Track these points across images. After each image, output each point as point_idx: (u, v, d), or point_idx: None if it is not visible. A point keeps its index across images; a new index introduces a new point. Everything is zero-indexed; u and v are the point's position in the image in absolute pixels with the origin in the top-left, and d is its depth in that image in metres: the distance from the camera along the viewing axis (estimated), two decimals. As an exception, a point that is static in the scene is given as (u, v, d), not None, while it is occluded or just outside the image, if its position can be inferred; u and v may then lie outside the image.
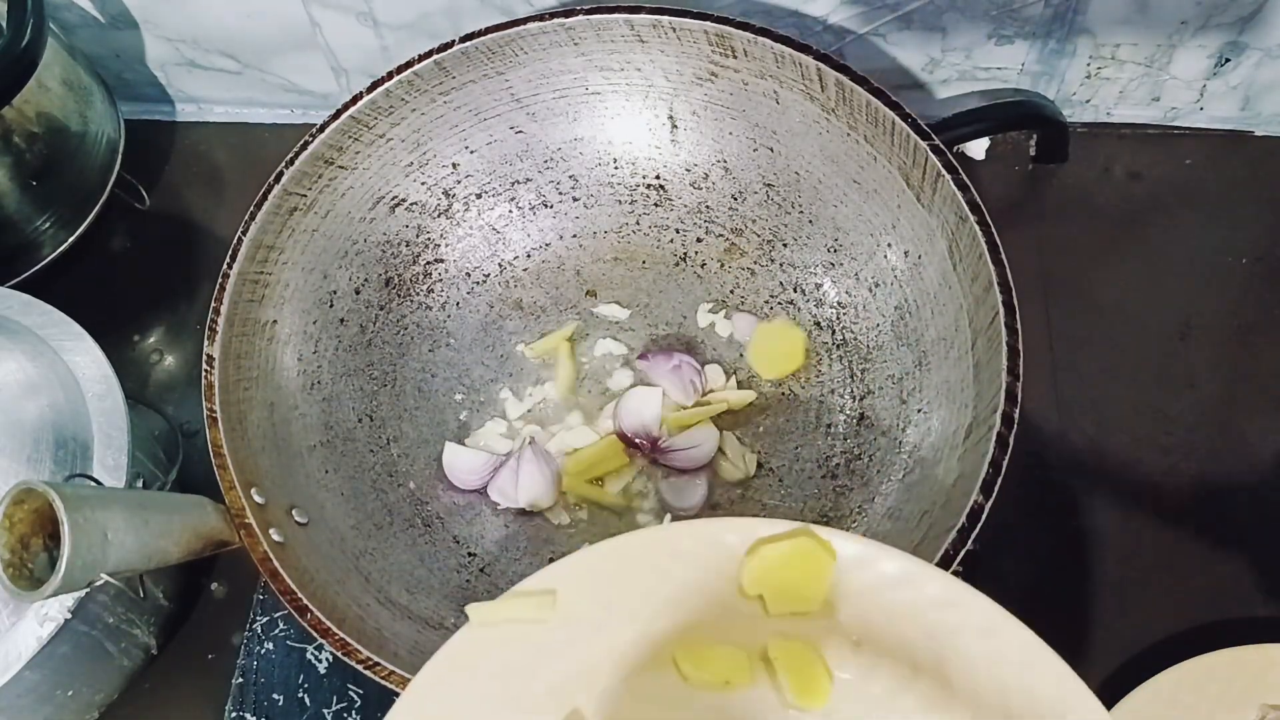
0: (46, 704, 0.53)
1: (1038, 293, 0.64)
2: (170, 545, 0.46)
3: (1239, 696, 0.51)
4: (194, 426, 0.63)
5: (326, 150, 0.57)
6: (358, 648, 0.45)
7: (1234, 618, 0.56)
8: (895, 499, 0.53)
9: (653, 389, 0.58)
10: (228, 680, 0.58)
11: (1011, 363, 0.47)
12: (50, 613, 0.49)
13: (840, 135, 0.56)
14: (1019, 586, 0.57)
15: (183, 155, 0.77)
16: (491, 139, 0.62)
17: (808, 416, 0.58)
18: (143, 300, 0.72)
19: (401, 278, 0.62)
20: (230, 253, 0.54)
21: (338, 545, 0.53)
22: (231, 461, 0.50)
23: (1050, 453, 0.60)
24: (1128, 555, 0.58)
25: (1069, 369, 0.62)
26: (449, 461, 0.58)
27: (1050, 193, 0.68)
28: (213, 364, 0.52)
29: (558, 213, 0.64)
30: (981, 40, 0.64)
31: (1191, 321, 0.63)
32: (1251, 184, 0.67)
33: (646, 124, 0.62)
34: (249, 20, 0.68)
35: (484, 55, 0.58)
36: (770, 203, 0.61)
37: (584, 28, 0.57)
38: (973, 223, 0.50)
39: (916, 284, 0.55)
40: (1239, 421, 0.60)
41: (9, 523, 0.43)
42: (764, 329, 0.60)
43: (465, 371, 0.62)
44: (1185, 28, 0.61)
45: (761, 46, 0.55)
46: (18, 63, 0.60)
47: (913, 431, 0.54)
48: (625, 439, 0.58)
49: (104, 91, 0.71)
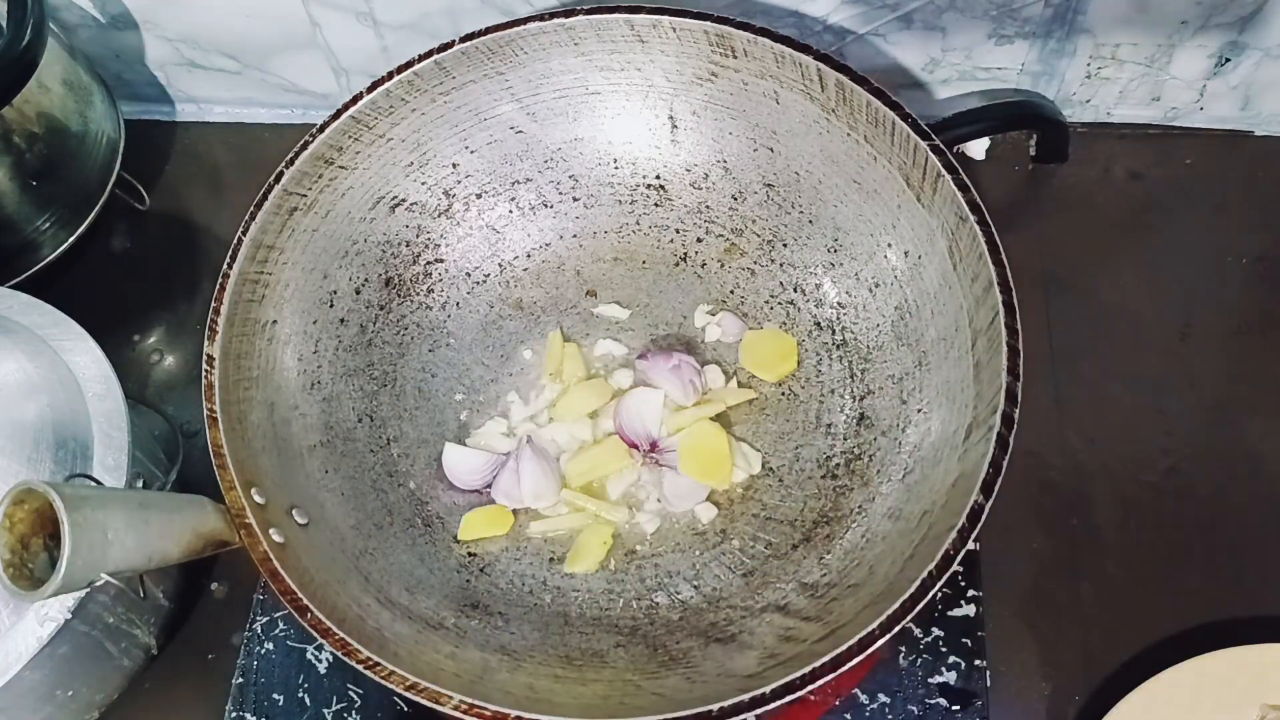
0: (46, 704, 0.53)
1: (1038, 293, 0.64)
2: (170, 545, 0.46)
3: (1239, 696, 0.51)
4: (194, 426, 0.63)
5: (326, 150, 0.57)
6: (358, 648, 0.45)
7: (1234, 618, 0.56)
8: (895, 499, 0.53)
9: (654, 390, 0.58)
10: (228, 680, 0.58)
11: (1011, 363, 0.47)
12: (50, 613, 0.49)
13: (840, 135, 0.56)
14: (1019, 586, 0.57)
15: (183, 155, 0.77)
16: (491, 139, 0.62)
17: (808, 416, 0.58)
18: (143, 300, 0.72)
19: (401, 278, 0.62)
20: (230, 253, 0.54)
21: (338, 545, 0.53)
22: (231, 461, 0.50)
23: (1050, 453, 0.60)
24: (1128, 555, 0.58)
25: (1069, 369, 0.62)
26: (449, 462, 0.58)
27: (1050, 193, 0.68)
28: (213, 364, 0.52)
29: (558, 213, 0.64)
30: (981, 40, 0.64)
31: (1191, 321, 0.63)
32: (1251, 184, 0.67)
33: (646, 124, 0.62)
34: (249, 20, 0.69)
35: (484, 55, 0.58)
36: (770, 203, 0.61)
37: (584, 28, 0.57)
38: (973, 223, 0.50)
39: (916, 284, 0.55)
40: (1239, 421, 0.60)
41: (9, 523, 0.43)
42: (753, 336, 0.60)
43: (465, 371, 0.62)
44: (1185, 28, 0.61)
45: (761, 46, 0.55)
46: (18, 63, 0.60)
47: (913, 431, 0.54)
48: (625, 440, 0.58)
49: (104, 91, 0.71)
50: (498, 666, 0.50)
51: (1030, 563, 0.58)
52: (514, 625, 0.53)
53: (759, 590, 0.53)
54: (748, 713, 0.42)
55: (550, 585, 0.56)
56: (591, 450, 0.58)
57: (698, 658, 0.50)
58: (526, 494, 0.57)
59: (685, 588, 0.55)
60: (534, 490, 0.57)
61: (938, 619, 0.56)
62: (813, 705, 0.54)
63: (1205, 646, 0.52)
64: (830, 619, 0.48)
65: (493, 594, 0.55)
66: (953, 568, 0.44)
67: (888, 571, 0.48)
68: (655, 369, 0.59)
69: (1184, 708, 0.51)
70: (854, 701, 0.54)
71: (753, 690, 0.43)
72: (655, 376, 0.59)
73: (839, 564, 0.52)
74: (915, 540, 0.48)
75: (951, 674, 0.54)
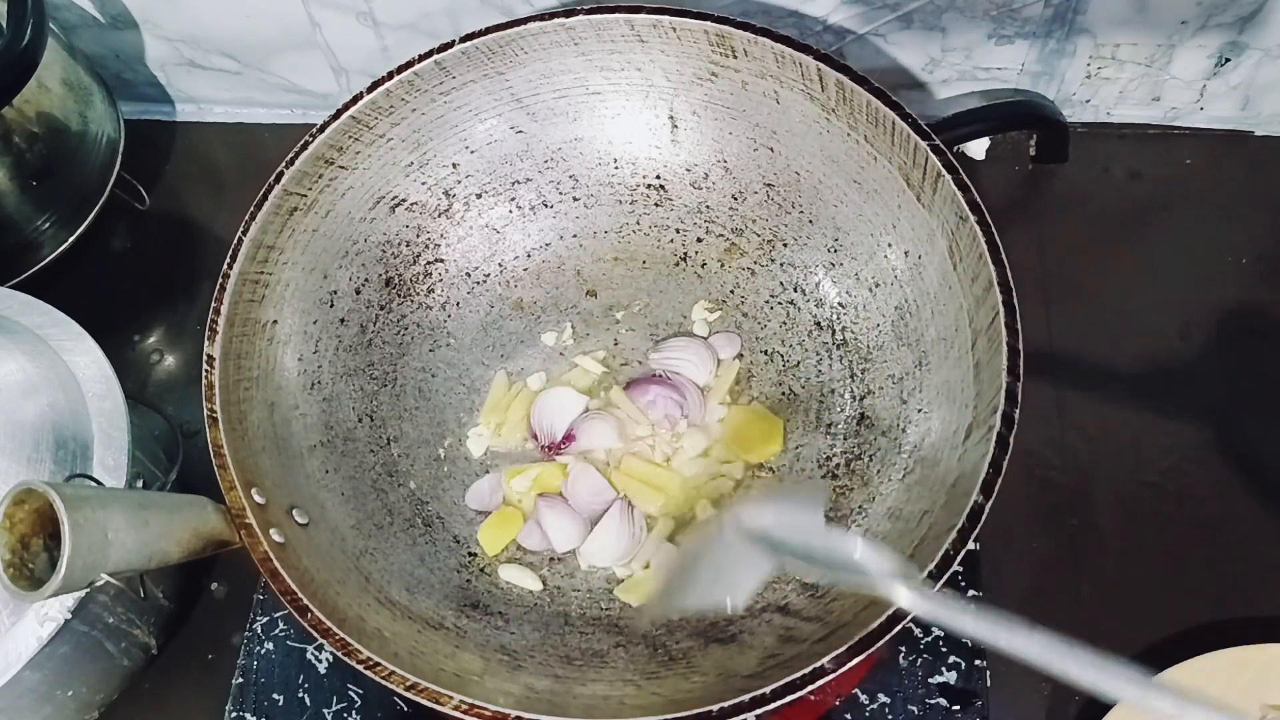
0: (46, 704, 0.53)
1: (1038, 293, 0.64)
2: (170, 545, 0.46)
3: (1239, 696, 0.51)
4: (194, 426, 0.63)
5: (326, 150, 0.57)
6: (358, 648, 0.45)
7: (1234, 618, 0.56)
8: (895, 499, 0.53)
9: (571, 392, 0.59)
10: (228, 680, 0.58)
11: (1011, 363, 0.47)
12: (50, 613, 0.49)
13: (840, 135, 0.56)
14: (1019, 586, 0.57)
15: (183, 155, 0.77)
16: (491, 139, 0.62)
17: (808, 416, 0.58)
18: (143, 300, 0.72)
19: (402, 278, 0.62)
20: (230, 253, 0.54)
21: (338, 545, 0.53)
22: (232, 461, 0.50)
23: (1050, 453, 0.60)
24: (1128, 555, 0.58)
25: (1069, 369, 0.62)
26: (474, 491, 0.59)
27: (1050, 193, 0.68)
28: (213, 364, 0.51)
29: (558, 213, 0.64)
30: (981, 40, 0.64)
31: (1191, 321, 0.63)
32: (1251, 184, 0.67)
33: (647, 124, 0.62)
34: (249, 20, 0.68)
35: (484, 55, 0.58)
36: (770, 203, 0.61)
37: (584, 28, 0.57)
38: (973, 223, 0.50)
39: (916, 284, 0.55)
40: (1239, 421, 0.60)
41: (9, 523, 0.43)
42: (738, 413, 0.59)
43: (465, 371, 0.62)
44: (1185, 28, 0.61)
45: (762, 46, 0.55)
46: (18, 63, 0.60)
47: (913, 431, 0.54)
48: (532, 432, 0.59)
49: (104, 91, 0.71)
50: (498, 666, 0.50)
51: (1030, 563, 0.58)
52: (514, 625, 0.53)
53: (759, 590, 0.53)
54: (748, 713, 0.42)
55: (550, 585, 0.56)
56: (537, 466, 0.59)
57: (698, 658, 0.50)
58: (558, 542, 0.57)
59: (685, 588, 0.55)
60: (564, 538, 0.57)
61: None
62: (813, 705, 0.54)
63: (1205, 646, 0.52)
64: (830, 619, 0.48)
65: (493, 594, 0.55)
66: (953, 568, 0.44)
67: (888, 571, 0.48)
68: (634, 402, 0.59)
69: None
70: (854, 701, 0.54)
71: (753, 690, 0.43)
72: (633, 411, 0.59)
73: (839, 564, 0.52)
74: (915, 540, 0.48)
75: (951, 674, 0.55)
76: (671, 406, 0.58)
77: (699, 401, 0.59)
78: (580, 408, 0.59)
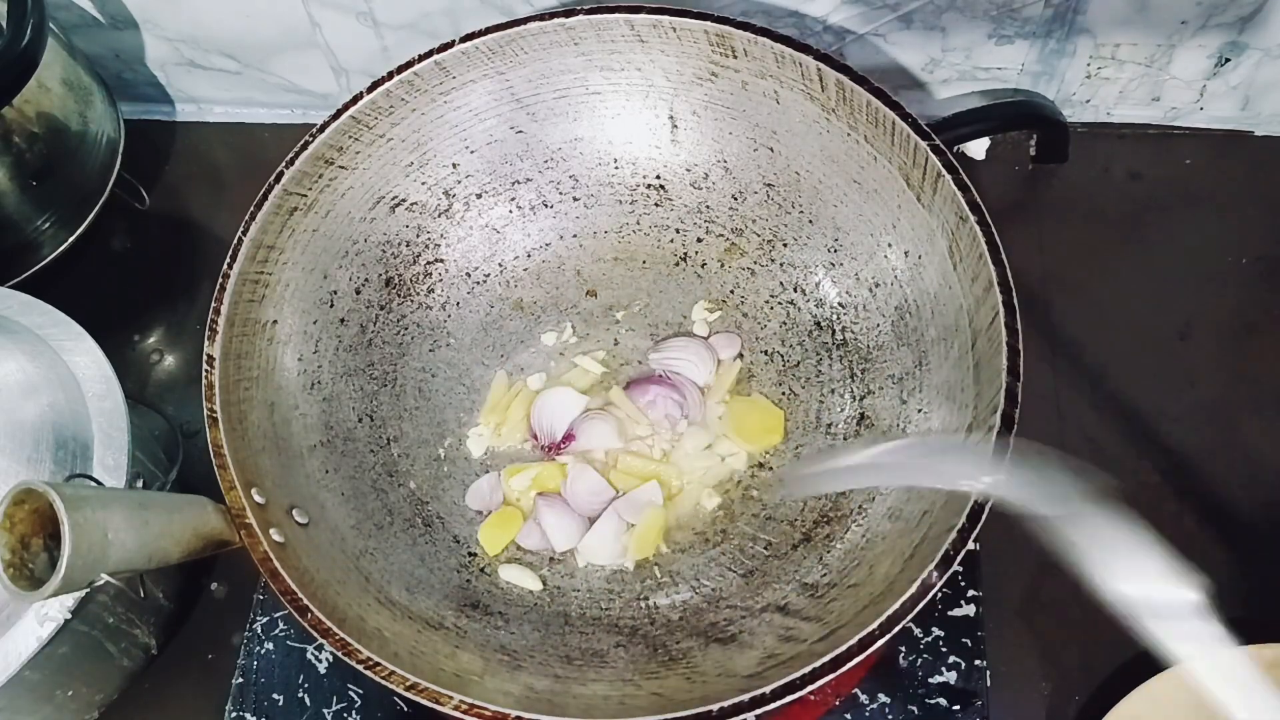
0: (46, 704, 0.53)
1: (1038, 293, 0.64)
2: (170, 545, 0.46)
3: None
4: (194, 426, 0.63)
5: (326, 150, 0.57)
6: (358, 648, 0.45)
7: (1234, 618, 0.56)
8: (895, 499, 0.53)
9: (571, 392, 0.59)
10: (228, 680, 0.58)
11: (1011, 363, 0.47)
12: (50, 613, 0.49)
13: (840, 135, 0.56)
14: (1019, 586, 0.57)
15: (183, 155, 0.77)
16: (491, 139, 0.62)
17: (808, 416, 0.58)
18: (143, 300, 0.72)
19: (402, 278, 0.62)
20: (230, 253, 0.54)
21: (338, 545, 0.53)
22: (231, 461, 0.50)
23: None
24: (1128, 555, 0.58)
25: (1069, 369, 0.62)
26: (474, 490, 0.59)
27: (1050, 193, 0.68)
28: (213, 364, 0.52)
29: (558, 213, 0.64)
30: (981, 40, 0.64)
31: (1191, 321, 0.63)
32: (1251, 184, 0.67)
33: (647, 124, 0.62)
34: (249, 20, 0.69)
35: (484, 55, 0.58)
36: (770, 203, 0.61)
37: (584, 28, 0.57)
38: (973, 223, 0.50)
39: (916, 284, 0.55)
40: (1239, 421, 0.60)
41: (9, 523, 0.43)
42: (740, 404, 0.59)
43: (465, 371, 0.62)
44: (1185, 28, 0.61)
45: (762, 46, 0.55)
46: (18, 63, 0.60)
47: (913, 431, 0.54)
48: (532, 432, 0.59)
49: (104, 91, 0.71)
50: (498, 666, 0.50)
51: (1030, 563, 0.58)
52: (514, 625, 0.53)
53: (759, 590, 0.53)
54: (748, 713, 0.42)
55: (550, 585, 0.56)
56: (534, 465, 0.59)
57: (698, 658, 0.50)
58: (557, 540, 0.57)
59: (685, 588, 0.55)
60: (563, 537, 0.57)
61: (938, 619, 0.56)
62: (813, 705, 0.54)
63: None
64: (830, 619, 0.48)
65: (493, 594, 0.55)
66: (953, 568, 0.44)
67: (888, 571, 0.48)
68: (634, 402, 0.59)
69: (1184, 708, 0.51)
70: (854, 701, 0.54)
71: (753, 690, 0.43)
72: (633, 411, 0.59)
73: (839, 564, 0.52)
74: (915, 540, 0.48)
75: (951, 674, 0.55)
76: (671, 406, 0.58)
77: (699, 401, 0.59)
78: (580, 408, 0.59)
